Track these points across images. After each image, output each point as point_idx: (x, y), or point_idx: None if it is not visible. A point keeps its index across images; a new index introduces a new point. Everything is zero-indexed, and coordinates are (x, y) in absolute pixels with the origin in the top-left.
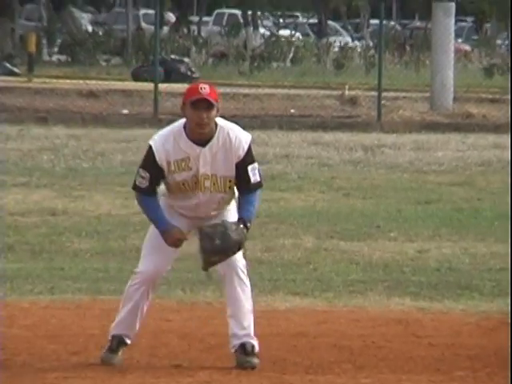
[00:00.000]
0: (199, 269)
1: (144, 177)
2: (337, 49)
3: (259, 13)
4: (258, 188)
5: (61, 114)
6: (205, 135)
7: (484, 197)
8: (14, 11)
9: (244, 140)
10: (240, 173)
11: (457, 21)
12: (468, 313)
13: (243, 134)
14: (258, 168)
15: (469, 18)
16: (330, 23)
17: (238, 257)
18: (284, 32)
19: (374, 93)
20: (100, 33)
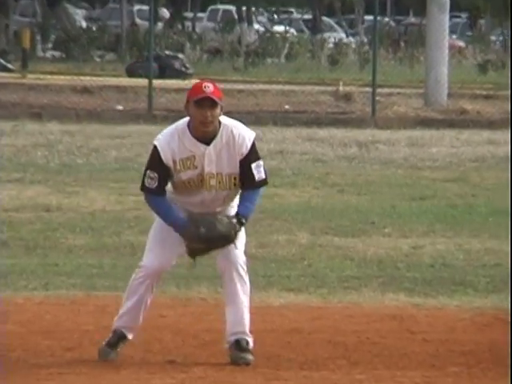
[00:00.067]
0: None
1: (153, 177)
2: (331, 45)
3: (253, 9)
4: (263, 185)
5: (55, 110)
6: (209, 133)
7: (478, 193)
8: (9, 7)
9: (247, 137)
10: (244, 170)
11: (451, 17)
12: (462, 309)
13: (247, 132)
14: (263, 165)
15: (463, 14)
16: (325, 19)
17: (239, 253)
18: (278, 28)
19: (369, 89)
20: (94, 29)
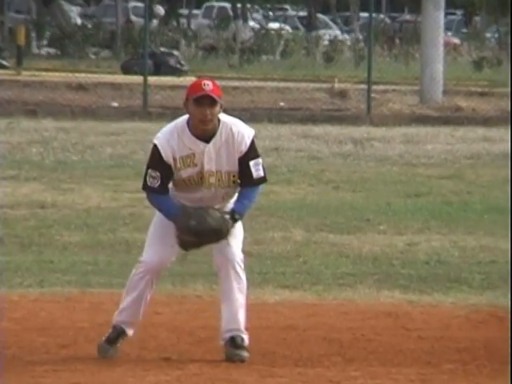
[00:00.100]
0: (189, 262)
1: (155, 176)
2: (326, 42)
3: (249, 6)
4: (261, 183)
5: (50, 107)
6: (208, 131)
7: (473, 190)
8: (3, 4)
9: (247, 135)
10: (242, 168)
11: (446, 14)
12: (457, 306)
13: (246, 129)
14: (262, 163)
15: (458, 11)
16: (320, 16)
17: (236, 250)
18: (273, 25)
19: (364, 86)
20: (89, 26)
